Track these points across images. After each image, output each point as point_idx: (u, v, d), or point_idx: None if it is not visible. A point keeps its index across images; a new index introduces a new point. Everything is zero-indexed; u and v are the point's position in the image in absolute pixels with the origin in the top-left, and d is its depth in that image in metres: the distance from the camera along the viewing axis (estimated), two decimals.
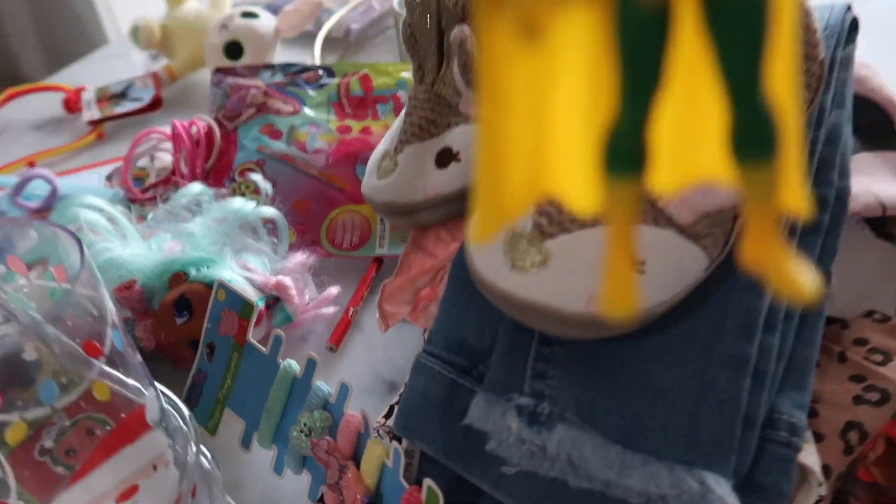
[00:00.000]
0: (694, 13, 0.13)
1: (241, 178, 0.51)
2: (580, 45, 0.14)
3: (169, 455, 0.27)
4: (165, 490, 0.27)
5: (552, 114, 0.15)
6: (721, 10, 0.13)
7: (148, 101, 0.65)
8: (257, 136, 0.52)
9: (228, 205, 0.45)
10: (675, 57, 0.14)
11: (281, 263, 0.45)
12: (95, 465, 0.25)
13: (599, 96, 0.14)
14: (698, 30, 0.13)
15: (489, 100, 0.15)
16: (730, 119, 0.14)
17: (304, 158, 0.51)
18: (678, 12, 0.13)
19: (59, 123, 0.67)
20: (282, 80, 0.56)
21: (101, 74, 0.73)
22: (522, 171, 0.15)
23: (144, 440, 0.26)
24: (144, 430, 0.26)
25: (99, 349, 0.23)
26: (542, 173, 0.16)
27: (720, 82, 0.13)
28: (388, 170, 0.37)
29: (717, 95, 0.14)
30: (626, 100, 0.14)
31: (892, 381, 0.32)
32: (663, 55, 0.13)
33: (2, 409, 0.21)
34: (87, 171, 0.60)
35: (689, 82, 0.14)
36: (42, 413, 0.22)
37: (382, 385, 0.42)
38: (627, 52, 0.13)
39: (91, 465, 0.25)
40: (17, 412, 0.21)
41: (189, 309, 0.42)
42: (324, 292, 0.45)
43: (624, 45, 0.13)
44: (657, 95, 0.14)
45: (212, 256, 0.43)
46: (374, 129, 0.52)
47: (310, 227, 0.49)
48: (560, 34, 0.14)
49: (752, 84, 0.13)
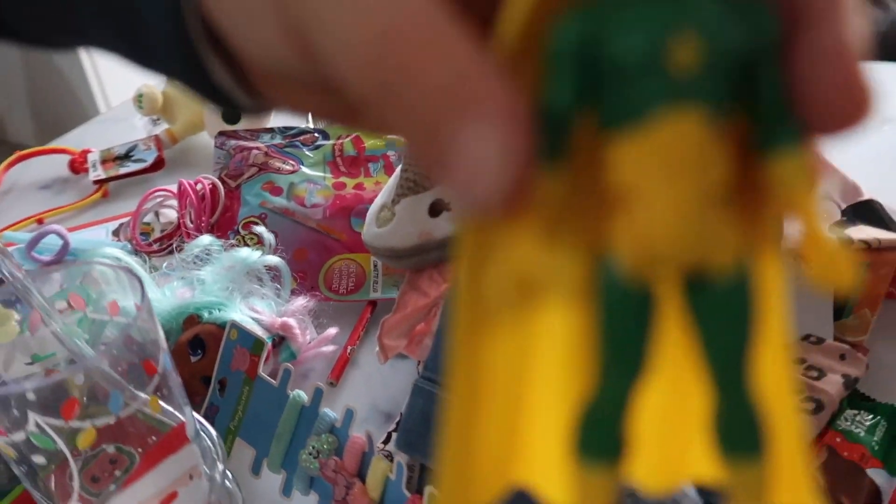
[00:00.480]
0: (678, 297, 0.12)
1: (245, 231, 0.55)
2: (563, 323, 0.13)
3: (202, 467, 0.31)
4: (198, 498, 0.31)
5: (528, 395, 0.14)
6: (705, 297, 0.12)
7: (151, 163, 0.70)
8: (259, 193, 0.57)
9: (236, 254, 0.50)
10: (660, 340, 0.12)
11: (284, 307, 0.50)
12: (143, 472, 0.28)
13: (579, 377, 0.13)
14: (683, 314, 0.12)
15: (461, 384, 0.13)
16: (714, 410, 0.13)
17: (303, 212, 0.56)
18: (663, 298, 0.12)
19: (64, 183, 0.72)
20: (281, 142, 0.61)
21: (101, 138, 0.77)
22: (492, 458, 0.14)
23: (184, 452, 0.30)
24: (184, 442, 0.30)
25: (155, 368, 0.27)
26: (513, 460, 0.14)
27: (705, 371, 0.13)
28: (386, 219, 0.42)
29: (703, 384, 0.13)
30: (605, 381, 0.13)
31: (825, 393, 0.37)
32: (646, 336, 0.12)
33: (78, 416, 0.25)
34: (94, 227, 0.64)
35: (674, 367, 0.13)
36: (109, 421, 0.26)
37: (380, 415, 0.46)
38: (609, 329, 0.12)
39: (140, 473, 0.28)
40: (89, 420, 0.25)
41: (203, 348, 0.45)
42: (323, 333, 0.50)
43: (606, 323, 0.12)
44: (638, 379, 0.13)
45: (222, 300, 0.47)
46: (366, 186, 0.58)
47: (309, 274, 0.54)
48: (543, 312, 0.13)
49: (736, 375, 0.12)
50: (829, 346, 0.40)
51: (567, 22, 0.12)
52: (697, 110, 0.11)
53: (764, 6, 0.11)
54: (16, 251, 0.60)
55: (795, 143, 0.12)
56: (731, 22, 0.11)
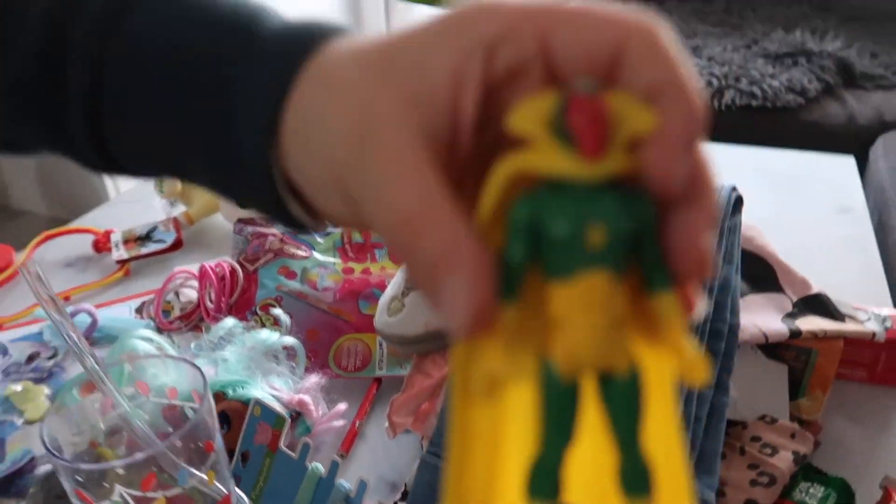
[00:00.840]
0: (595, 388, 0.18)
1: (262, 312, 0.61)
2: (521, 404, 0.19)
3: None
4: None
5: (503, 450, 0.20)
6: (610, 388, 0.18)
7: (170, 243, 0.76)
8: (275, 277, 0.63)
9: (257, 335, 0.55)
10: (584, 416, 0.18)
11: (299, 384, 0.55)
12: None
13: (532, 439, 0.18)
14: (598, 399, 0.18)
15: (457, 440, 0.19)
16: (617, 464, 0.18)
17: (315, 295, 0.62)
18: (585, 389, 0.18)
19: (88, 262, 0.77)
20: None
21: (121, 218, 0.83)
22: (479, 493, 0.20)
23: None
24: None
25: (213, 447, 0.32)
26: (493, 492, 0.20)
27: (611, 437, 0.18)
28: (396, 309, 0.48)
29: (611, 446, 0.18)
30: (545, 444, 0.18)
31: (778, 469, 0.43)
32: (574, 414, 0.18)
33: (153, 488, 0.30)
34: (117, 305, 0.69)
35: (594, 435, 0.19)
36: (177, 492, 0.31)
37: (386, 485, 0.51)
38: (549, 409, 0.18)
39: None
40: (160, 491, 0.30)
41: (228, 423, 0.50)
42: (334, 408, 0.55)
43: (547, 405, 0.18)
44: (568, 443, 0.18)
45: (245, 378, 0.52)
46: (373, 270, 0.64)
47: (320, 353, 0.59)
48: (508, 397, 0.19)
49: (631, 441, 0.18)
50: (782, 426, 0.46)
51: (520, 205, 0.18)
52: (604, 270, 0.18)
53: (647, 203, 0.18)
54: (46, 328, 0.65)
55: (667, 288, 0.19)
56: (625, 214, 0.18)
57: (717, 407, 0.42)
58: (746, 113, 1.59)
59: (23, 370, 0.62)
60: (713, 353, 0.43)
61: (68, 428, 0.40)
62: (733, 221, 0.50)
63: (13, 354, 0.63)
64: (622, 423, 0.18)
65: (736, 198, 0.51)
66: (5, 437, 0.54)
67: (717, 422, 0.41)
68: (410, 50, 0.20)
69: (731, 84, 1.62)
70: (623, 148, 0.18)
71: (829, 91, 1.65)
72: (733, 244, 0.50)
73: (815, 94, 1.61)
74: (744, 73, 1.64)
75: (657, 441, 0.19)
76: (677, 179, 0.18)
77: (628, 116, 0.18)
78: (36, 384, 0.60)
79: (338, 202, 0.22)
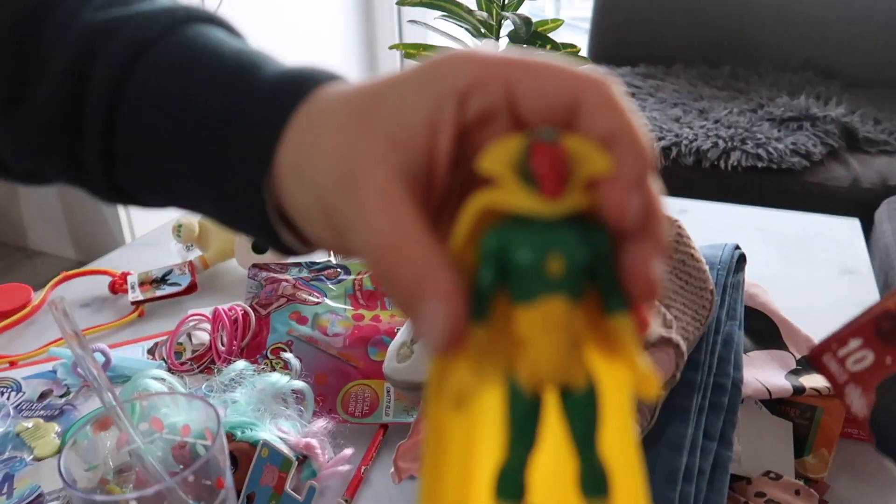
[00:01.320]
0: (556, 399, 0.20)
1: (273, 356, 0.62)
2: (491, 414, 0.21)
3: None
4: None
5: (474, 456, 0.22)
6: (570, 401, 0.20)
7: (185, 287, 0.77)
8: (287, 321, 0.64)
9: (267, 378, 0.56)
10: (546, 425, 0.20)
11: (307, 427, 0.55)
12: None
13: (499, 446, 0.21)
14: (559, 410, 0.20)
15: (432, 446, 0.21)
16: (577, 469, 0.20)
17: (325, 340, 0.63)
18: (546, 401, 0.20)
19: (103, 302, 0.78)
20: (307, 276, 0.69)
21: (138, 260, 0.85)
22: (453, 492, 0.22)
23: None
24: None
25: (223, 484, 0.33)
26: (466, 495, 0.22)
27: (571, 444, 0.20)
28: (405, 355, 0.49)
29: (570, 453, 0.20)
30: (510, 451, 0.20)
31: None
32: (537, 424, 0.20)
33: None
34: (131, 345, 0.71)
35: (554, 442, 0.21)
36: None
37: None
38: (514, 420, 0.20)
39: None
40: None
41: (235, 463, 0.51)
42: (340, 453, 0.55)
43: (512, 416, 0.20)
44: (532, 450, 0.20)
45: (254, 420, 0.53)
46: (382, 318, 0.65)
47: (328, 398, 0.60)
48: (478, 407, 0.21)
49: (589, 447, 0.20)
50: (786, 483, 0.46)
51: (489, 237, 0.21)
52: (563, 295, 0.20)
53: (603, 234, 0.21)
54: (59, 366, 0.66)
55: (623, 309, 0.21)
56: (582, 244, 0.20)
57: (721, 460, 0.42)
58: (752, 174, 1.61)
59: (34, 407, 0.63)
60: (716, 406, 0.44)
61: (81, 464, 0.41)
62: (736, 278, 0.52)
63: (26, 391, 0.64)
64: (580, 431, 0.20)
65: (739, 255, 0.52)
66: (14, 473, 0.55)
67: (721, 475, 0.42)
68: (391, 96, 0.23)
69: (737, 146, 1.65)
70: (581, 186, 0.20)
71: (833, 155, 1.68)
72: (736, 300, 0.51)
73: (820, 157, 1.64)
74: (749, 135, 1.68)
75: (613, 447, 0.21)
76: (631, 214, 0.20)
77: (586, 159, 0.20)
78: (46, 421, 0.61)
79: (325, 230, 0.24)
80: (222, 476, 0.33)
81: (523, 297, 0.20)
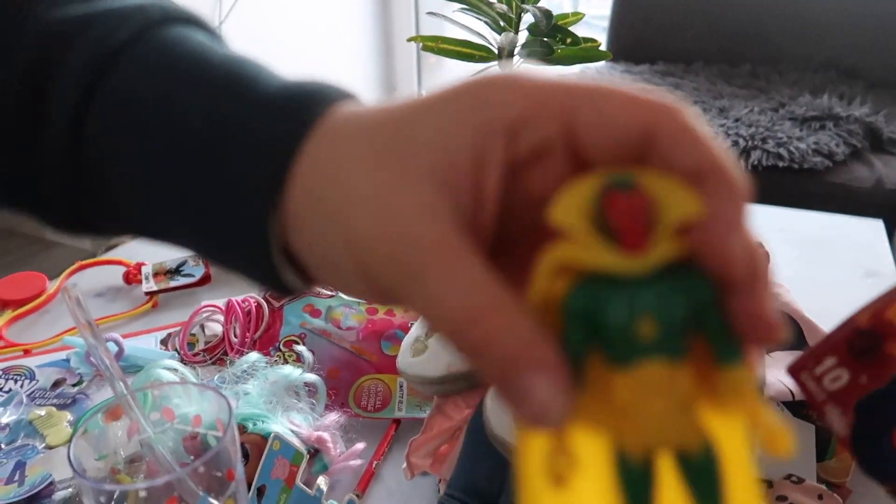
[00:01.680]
0: (673, 468, 0.19)
1: (285, 348, 0.61)
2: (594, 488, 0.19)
3: None
4: None
5: None
6: (688, 466, 0.18)
7: (199, 278, 0.77)
8: (300, 314, 0.64)
9: (279, 370, 0.56)
10: (660, 495, 0.18)
11: (319, 421, 0.55)
12: None
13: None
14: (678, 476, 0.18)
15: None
16: None
17: (338, 334, 0.62)
18: (661, 467, 0.18)
19: (117, 292, 0.78)
20: None
21: (152, 251, 0.85)
22: None
23: None
24: None
25: (234, 475, 0.32)
26: None
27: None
28: (419, 350, 0.48)
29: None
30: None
31: None
32: (650, 492, 0.18)
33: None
34: (144, 336, 0.70)
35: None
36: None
37: None
38: (626, 491, 0.18)
39: None
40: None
41: (246, 456, 0.50)
42: (352, 447, 0.54)
43: (624, 486, 0.18)
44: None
45: (265, 413, 0.53)
46: (396, 312, 0.64)
47: (340, 392, 0.59)
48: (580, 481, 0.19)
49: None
50: (808, 486, 0.45)
51: (574, 297, 0.19)
52: (661, 357, 0.18)
53: (703, 282, 0.18)
54: (73, 355, 0.66)
55: (737, 360, 0.19)
56: (677, 300, 0.18)
57: None
58: (773, 174, 1.59)
59: (48, 395, 0.63)
60: None
61: (91, 453, 0.40)
62: None
63: (39, 380, 0.64)
64: (703, 497, 0.18)
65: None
66: (26, 460, 0.55)
67: None
68: (428, 127, 0.19)
69: (758, 144, 1.63)
70: (669, 233, 0.18)
71: (856, 155, 1.65)
72: None
73: (843, 157, 1.61)
74: (770, 134, 1.65)
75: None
76: (735, 259, 0.18)
77: (672, 202, 0.18)
78: (59, 410, 0.61)
79: (359, 282, 0.20)
80: (233, 468, 0.32)
81: (619, 360, 0.18)
